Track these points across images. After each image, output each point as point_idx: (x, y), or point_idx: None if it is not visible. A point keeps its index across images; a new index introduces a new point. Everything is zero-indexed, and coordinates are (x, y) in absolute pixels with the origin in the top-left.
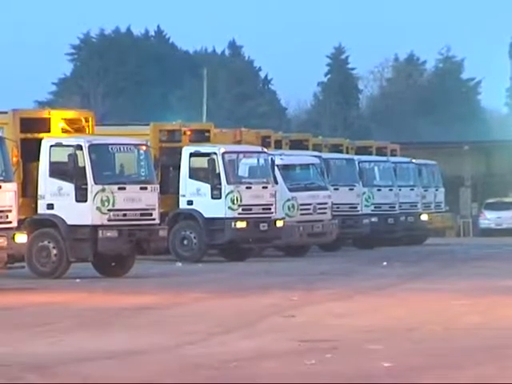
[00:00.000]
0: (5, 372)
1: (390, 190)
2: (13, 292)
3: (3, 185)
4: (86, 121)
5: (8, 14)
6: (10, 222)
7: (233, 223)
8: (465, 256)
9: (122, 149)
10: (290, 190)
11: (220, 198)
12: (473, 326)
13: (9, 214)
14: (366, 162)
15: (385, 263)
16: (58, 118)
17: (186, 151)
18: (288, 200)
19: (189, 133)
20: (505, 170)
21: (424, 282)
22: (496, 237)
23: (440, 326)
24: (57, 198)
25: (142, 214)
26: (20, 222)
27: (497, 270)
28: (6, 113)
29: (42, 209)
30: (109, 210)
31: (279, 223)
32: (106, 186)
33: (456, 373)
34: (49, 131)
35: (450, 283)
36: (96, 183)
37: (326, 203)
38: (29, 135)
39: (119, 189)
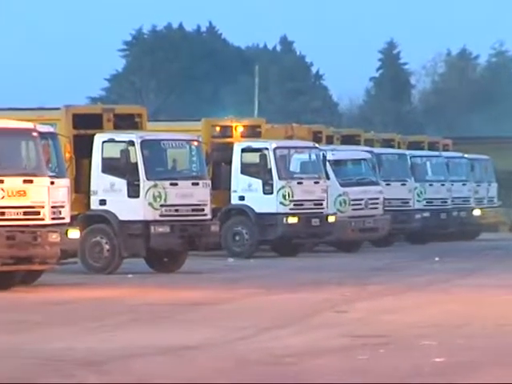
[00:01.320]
0: (58, 368)
1: (442, 185)
2: (66, 287)
3: (56, 181)
4: (139, 117)
5: (60, 10)
6: (63, 218)
7: (284, 219)
8: None
9: (173, 144)
10: (342, 185)
11: (272, 193)
12: None
13: (62, 210)
14: (417, 156)
15: (437, 259)
16: (112, 115)
17: (238, 147)
18: (339, 195)
19: (240, 128)
20: None
21: (476, 277)
22: None
23: (492, 322)
24: (109, 193)
25: (193, 210)
26: (73, 217)
27: None
28: (58, 109)
29: (94, 204)
30: (161, 206)
31: (331, 218)
32: (158, 182)
33: (506, 371)
34: (101, 127)
35: (503, 279)
36: (148, 179)
37: (377, 198)
38: (81, 131)
39: (171, 184)
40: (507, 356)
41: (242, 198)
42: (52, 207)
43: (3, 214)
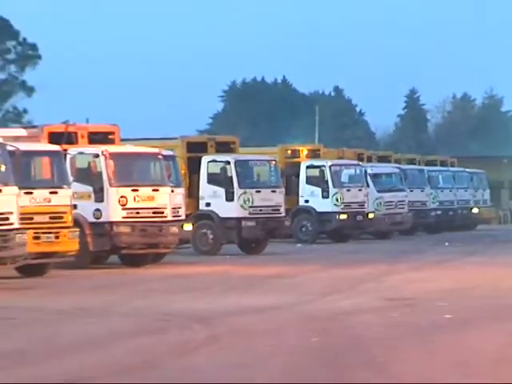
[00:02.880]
0: (177, 322)
1: (450, 191)
2: (183, 265)
3: (175, 189)
4: (233, 144)
5: (176, 62)
6: (180, 216)
7: (337, 216)
8: (505, 238)
9: (258, 163)
10: (378, 192)
11: (328, 197)
12: (510, 288)
13: (179, 210)
14: (432, 171)
15: (447, 243)
16: (214, 143)
17: (304, 165)
18: (377, 199)
19: (305, 151)
20: None
21: (476, 256)
22: None
23: (489, 288)
24: (212, 198)
25: (272, 210)
26: (187, 215)
27: None
28: (176, 138)
29: (202, 206)
30: (249, 207)
31: (371, 215)
32: (247, 190)
33: (501, 325)
34: (206, 151)
35: (495, 257)
36: (240, 188)
37: (403, 201)
38: (192, 154)
39: (256, 191)
40: (501, 313)
41: (306, 201)
42: (172, 208)
43: (138, 213)
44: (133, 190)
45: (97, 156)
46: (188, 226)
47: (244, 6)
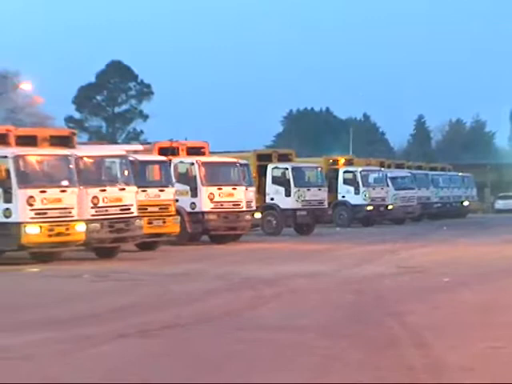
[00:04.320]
0: (250, 283)
1: (447, 189)
2: (254, 242)
3: (249, 188)
4: (291, 155)
5: (248, 88)
6: (252, 207)
7: (365, 207)
8: (488, 224)
9: (308, 169)
10: (395, 190)
11: (359, 194)
12: (493, 258)
13: (251, 203)
14: (434, 174)
15: (445, 228)
16: (277, 154)
17: (341, 170)
18: (394, 195)
19: (342, 160)
20: (508, 179)
21: (468, 237)
22: (503, 214)
23: (478, 259)
24: (275, 194)
25: (318, 203)
26: (257, 207)
27: (505, 231)
28: (249, 151)
29: (268, 200)
30: (302, 201)
31: (390, 207)
32: (300, 188)
33: (486, 285)
34: (271, 161)
35: (480, 237)
36: (295, 187)
37: (413, 196)
38: (261, 163)
39: (307, 190)
40: (485, 277)
41: (343, 197)
42: (246, 201)
43: (222, 205)
44: (218, 189)
45: (192, 164)
46: (258, 215)
47: (295, 54)
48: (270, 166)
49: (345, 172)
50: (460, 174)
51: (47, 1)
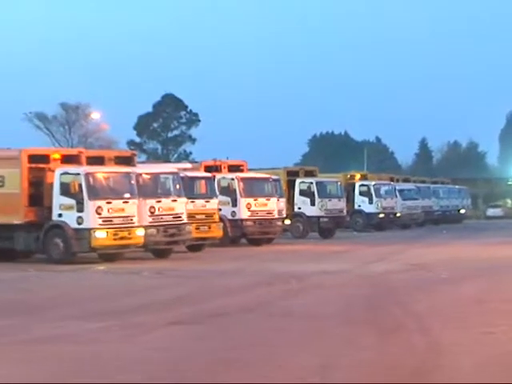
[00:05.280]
0: (282, 279)
1: (447, 199)
2: (284, 245)
3: (280, 199)
4: (315, 172)
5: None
6: (283, 215)
7: (378, 215)
8: (480, 228)
9: (330, 183)
10: (403, 200)
11: (372, 203)
12: (486, 257)
13: (282, 211)
14: (435, 187)
15: (444, 231)
16: (303, 171)
17: (357, 184)
18: (402, 204)
19: (358, 176)
20: (497, 191)
21: (464, 240)
22: (493, 220)
23: (473, 258)
24: (302, 204)
25: (338, 211)
26: (287, 215)
27: (495, 234)
28: (280, 168)
29: (295, 209)
30: (324, 209)
31: (398, 214)
32: (323, 199)
33: (482, 279)
34: (298, 176)
35: (474, 239)
36: (319, 197)
37: (418, 206)
38: (291, 178)
39: (329, 200)
40: (479, 272)
41: (359, 206)
42: (278, 210)
43: (257, 213)
44: (254, 200)
45: (232, 179)
46: (287, 221)
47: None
48: (297, 181)
49: (360, 185)
50: (457, 186)
51: (113, 46)
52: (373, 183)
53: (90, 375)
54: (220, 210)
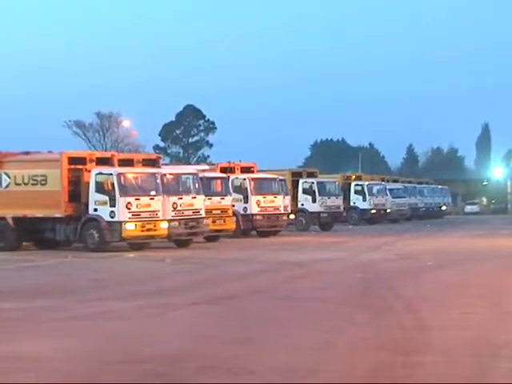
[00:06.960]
0: (286, 266)
1: (430, 197)
2: (288, 236)
3: (285, 197)
4: (316, 173)
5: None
6: (288, 210)
7: (370, 211)
8: (460, 223)
9: (329, 183)
10: (392, 198)
11: (365, 201)
12: (465, 247)
13: (287, 207)
14: (421, 187)
15: (428, 225)
16: (306, 172)
17: (353, 183)
18: (391, 202)
19: (354, 176)
20: (474, 190)
21: (447, 233)
22: (470, 216)
23: (457, 249)
24: (305, 201)
25: (336, 207)
26: (291, 210)
27: (472, 227)
28: (285, 170)
29: (299, 205)
30: (324, 206)
31: (388, 210)
32: (323, 197)
33: (461, 267)
34: (301, 177)
35: (455, 232)
36: (319, 196)
37: (405, 203)
38: (294, 178)
39: (328, 198)
40: (460, 261)
41: (354, 203)
42: (284, 206)
43: (266, 209)
44: (263, 197)
45: (244, 179)
46: (292, 216)
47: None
48: (301, 181)
49: (355, 185)
50: (439, 186)
51: (142, 64)
52: (366, 183)
53: (128, 347)
54: (233, 205)
